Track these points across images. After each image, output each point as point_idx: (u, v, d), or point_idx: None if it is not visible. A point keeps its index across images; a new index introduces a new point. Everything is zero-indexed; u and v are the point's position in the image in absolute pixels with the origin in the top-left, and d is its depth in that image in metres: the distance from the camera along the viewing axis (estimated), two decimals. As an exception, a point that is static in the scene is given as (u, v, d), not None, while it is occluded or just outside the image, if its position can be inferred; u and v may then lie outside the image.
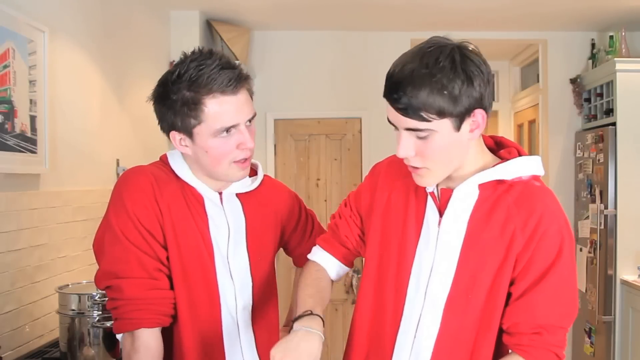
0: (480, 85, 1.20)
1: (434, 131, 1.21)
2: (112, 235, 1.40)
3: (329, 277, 1.52)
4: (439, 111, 1.18)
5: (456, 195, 1.30)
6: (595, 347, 4.19)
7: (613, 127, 4.06)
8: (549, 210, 1.28)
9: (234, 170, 1.45)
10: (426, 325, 1.31)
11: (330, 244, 1.52)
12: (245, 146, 1.42)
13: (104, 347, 2.01)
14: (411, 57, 1.21)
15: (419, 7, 4.05)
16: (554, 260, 1.26)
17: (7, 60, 2.16)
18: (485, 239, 1.28)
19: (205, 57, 1.40)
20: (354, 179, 4.76)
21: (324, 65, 4.71)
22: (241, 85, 1.41)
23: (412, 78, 1.18)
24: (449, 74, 1.17)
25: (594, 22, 4.42)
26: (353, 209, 1.51)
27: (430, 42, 1.23)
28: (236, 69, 1.41)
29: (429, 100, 1.17)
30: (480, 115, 1.23)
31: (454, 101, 1.18)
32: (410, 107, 1.19)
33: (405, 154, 1.26)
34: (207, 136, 1.40)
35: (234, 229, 1.51)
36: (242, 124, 1.41)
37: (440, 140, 1.22)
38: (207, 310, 1.47)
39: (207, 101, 1.38)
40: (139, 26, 3.61)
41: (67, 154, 2.65)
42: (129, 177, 1.44)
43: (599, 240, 4.15)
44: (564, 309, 1.28)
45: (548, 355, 1.27)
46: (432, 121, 1.19)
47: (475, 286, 1.28)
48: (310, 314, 1.32)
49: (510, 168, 1.30)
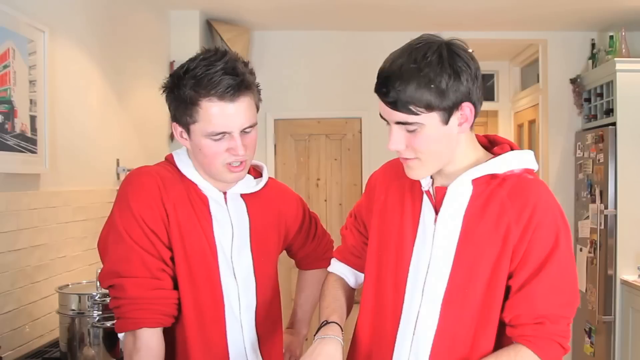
0: (468, 80, 1.24)
1: (422, 124, 1.25)
2: (116, 235, 1.40)
3: (348, 285, 1.57)
4: (427, 105, 1.22)
5: (450, 192, 1.32)
6: (595, 347, 4.19)
7: (613, 127, 4.06)
8: (542, 201, 1.30)
9: (225, 172, 1.46)
10: (424, 321, 1.32)
11: (342, 254, 1.58)
12: (235, 152, 1.43)
13: (104, 347, 2.01)
14: (400, 53, 1.26)
15: (419, 8, 4.05)
16: (551, 250, 1.27)
17: (7, 60, 2.16)
18: (480, 233, 1.30)
19: (217, 58, 1.41)
20: (354, 179, 4.76)
21: (324, 65, 4.71)
22: (241, 94, 1.41)
23: (401, 72, 1.22)
24: (436, 69, 1.21)
25: (594, 22, 4.42)
26: (358, 218, 1.56)
27: (419, 39, 1.27)
28: (239, 76, 1.40)
29: (417, 94, 1.21)
30: (468, 109, 1.26)
31: (441, 95, 1.22)
32: (399, 101, 1.23)
33: (395, 147, 1.30)
34: (200, 135, 1.42)
35: (238, 229, 1.52)
36: (235, 131, 1.41)
37: (429, 134, 1.25)
38: (211, 310, 1.47)
39: (204, 103, 1.39)
40: (139, 26, 3.61)
41: (67, 154, 2.65)
42: (134, 177, 1.45)
43: (599, 240, 4.15)
44: (565, 297, 1.29)
45: (552, 345, 1.27)
46: (421, 115, 1.23)
47: (472, 281, 1.30)
48: (327, 323, 1.39)
49: (501, 162, 1.32)
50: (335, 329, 1.37)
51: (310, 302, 1.83)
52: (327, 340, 1.33)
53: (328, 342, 1.33)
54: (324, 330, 1.37)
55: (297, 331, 1.83)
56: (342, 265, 1.58)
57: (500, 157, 1.33)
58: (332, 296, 1.50)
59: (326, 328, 1.37)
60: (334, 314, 1.43)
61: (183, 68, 1.42)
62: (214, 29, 4.19)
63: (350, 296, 1.55)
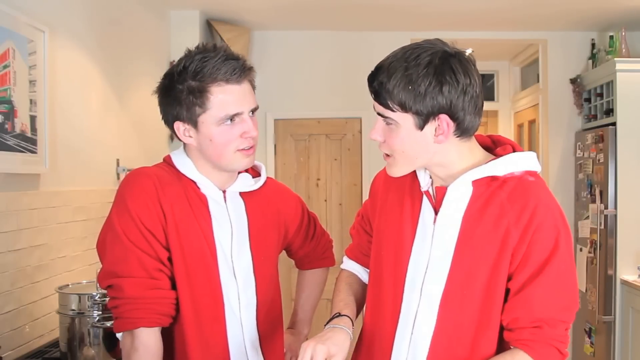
0: (451, 92, 1.23)
1: (397, 123, 1.27)
2: (114, 235, 1.41)
3: (361, 281, 1.59)
4: (400, 103, 1.24)
5: (450, 192, 1.32)
6: (595, 347, 4.19)
7: (613, 127, 4.06)
8: (542, 203, 1.28)
9: (238, 158, 1.47)
10: (422, 322, 1.32)
11: (353, 253, 1.61)
12: (248, 134, 1.45)
13: (104, 347, 2.01)
14: (401, 50, 1.28)
15: (419, 7, 4.05)
16: (550, 253, 1.26)
17: (7, 60, 2.16)
18: (479, 234, 1.29)
19: (210, 50, 1.44)
20: (354, 179, 4.76)
21: (324, 65, 4.71)
22: (245, 76, 1.45)
23: (389, 67, 1.25)
24: (419, 72, 1.22)
25: (594, 22, 4.42)
26: (364, 217, 1.58)
27: (424, 41, 1.29)
28: (240, 59, 1.45)
29: (394, 90, 1.24)
30: (445, 122, 1.25)
31: (416, 97, 1.23)
32: (379, 93, 1.27)
33: (374, 136, 1.33)
34: (211, 124, 1.43)
35: (237, 228, 1.52)
36: (245, 112, 1.45)
37: (402, 134, 1.27)
38: (210, 310, 1.47)
39: (213, 89, 1.41)
40: (139, 26, 3.61)
41: (67, 154, 2.65)
42: (132, 178, 1.46)
43: (599, 240, 4.15)
44: (564, 302, 1.28)
45: (550, 350, 1.26)
46: (396, 112, 1.26)
47: (470, 282, 1.29)
48: (339, 315, 1.41)
49: (502, 164, 1.31)
50: (346, 322, 1.39)
51: (310, 302, 1.84)
52: (337, 329, 1.35)
53: (338, 331, 1.34)
54: (335, 321, 1.39)
55: (299, 331, 1.83)
56: (353, 263, 1.61)
57: (501, 158, 1.32)
58: (345, 292, 1.53)
59: (338, 319, 1.40)
60: (346, 308, 1.45)
61: (179, 65, 1.43)
62: (214, 29, 4.20)
63: (363, 293, 1.56)
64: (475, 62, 1.29)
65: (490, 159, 1.34)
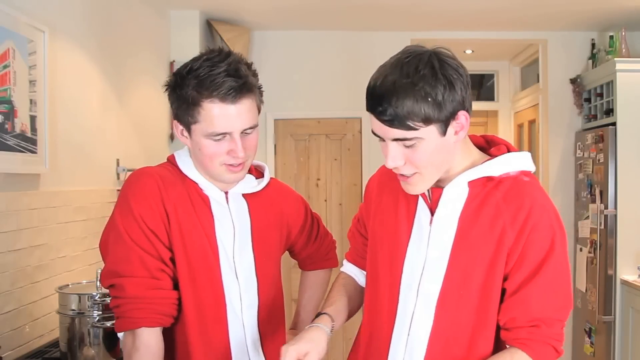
0: (461, 88, 1.24)
1: (421, 139, 1.23)
2: (117, 235, 1.41)
3: (357, 283, 1.60)
4: (425, 118, 1.21)
5: (446, 193, 1.32)
6: (595, 347, 4.19)
7: (613, 127, 4.06)
8: (537, 203, 1.29)
9: (223, 172, 1.46)
10: (419, 322, 1.32)
11: (351, 255, 1.62)
12: (235, 154, 1.43)
13: (104, 347, 2.01)
14: (390, 68, 1.23)
15: (419, 7, 4.05)
16: (547, 254, 1.27)
17: (7, 60, 2.17)
18: (475, 235, 1.30)
19: (220, 59, 1.41)
20: (354, 179, 4.76)
21: (324, 65, 4.71)
22: (242, 96, 1.41)
23: (395, 89, 1.20)
24: (430, 81, 1.20)
25: (594, 22, 4.42)
26: (360, 220, 1.58)
27: (406, 52, 1.25)
28: (242, 78, 1.41)
29: (415, 108, 1.20)
30: (463, 117, 1.26)
31: (438, 107, 1.21)
32: (397, 118, 1.21)
33: (394, 164, 1.28)
34: (200, 135, 1.43)
35: (240, 229, 1.52)
36: (235, 133, 1.42)
37: (427, 147, 1.24)
38: (212, 310, 1.47)
39: (205, 104, 1.40)
40: (139, 26, 3.61)
41: (67, 154, 2.65)
42: (135, 178, 1.46)
43: (599, 240, 4.15)
44: (560, 301, 1.29)
45: (547, 349, 1.28)
46: (419, 129, 1.22)
47: (467, 283, 1.29)
48: (319, 315, 1.45)
49: (497, 164, 1.32)
50: (324, 319, 1.42)
51: (313, 303, 1.84)
52: (312, 328, 1.39)
53: (312, 329, 1.38)
54: (314, 320, 1.43)
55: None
56: (351, 265, 1.62)
57: (497, 159, 1.33)
58: (336, 292, 1.54)
59: (317, 319, 1.43)
60: (329, 307, 1.47)
61: (186, 67, 1.43)
62: (214, 29, 4.20)
63: (360, 294, 1.57)
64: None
65: (486, 159, 1.34)
